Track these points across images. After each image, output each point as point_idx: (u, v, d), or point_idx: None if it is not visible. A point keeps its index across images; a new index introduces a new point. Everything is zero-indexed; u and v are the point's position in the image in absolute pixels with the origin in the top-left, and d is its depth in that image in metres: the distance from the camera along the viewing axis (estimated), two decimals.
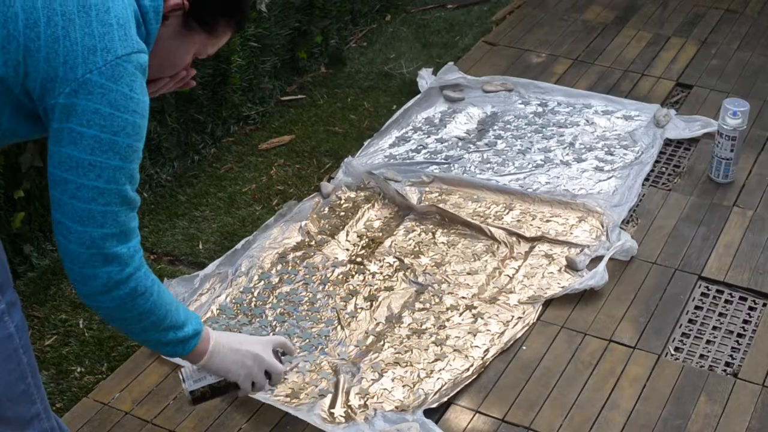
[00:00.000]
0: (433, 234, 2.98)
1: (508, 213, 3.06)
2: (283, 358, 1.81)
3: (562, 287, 2.75)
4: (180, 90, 1.70)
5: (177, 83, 1.68)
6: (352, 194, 3.16)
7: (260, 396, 2.39)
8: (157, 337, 1.60)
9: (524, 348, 2.57)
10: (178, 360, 2.37)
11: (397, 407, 2.38)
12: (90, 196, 1.48)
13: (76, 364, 2.55)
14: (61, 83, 1.46)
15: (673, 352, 2.56)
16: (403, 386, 2.44)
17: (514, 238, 2.94)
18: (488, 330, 2.61)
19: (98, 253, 1.49)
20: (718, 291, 2.76)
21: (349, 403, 2.39)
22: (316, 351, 2.55)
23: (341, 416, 2.35)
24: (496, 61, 3.90)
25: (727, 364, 2.52)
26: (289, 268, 2.85)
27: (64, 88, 1.46)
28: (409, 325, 2.64)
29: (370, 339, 2.59)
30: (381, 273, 2.83)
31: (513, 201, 3.11)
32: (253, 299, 2.74)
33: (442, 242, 2.94)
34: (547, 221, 3.02)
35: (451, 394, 2.41)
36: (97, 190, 1.48)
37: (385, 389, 2.43)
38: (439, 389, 2.43)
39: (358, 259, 2.88)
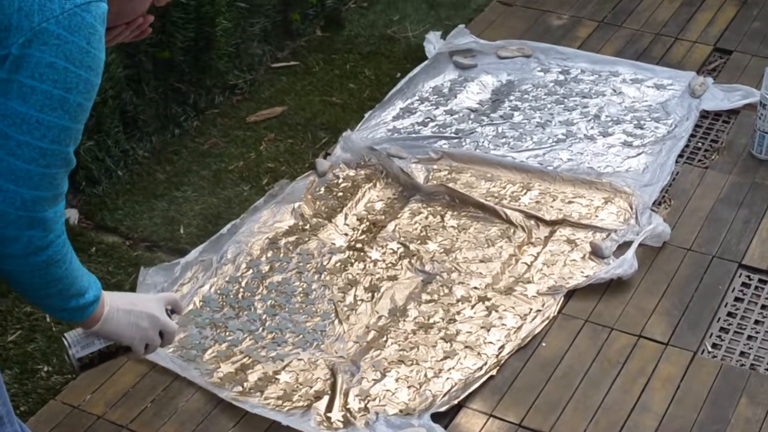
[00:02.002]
0: (442, 217, 2.98)
1: (525, 193, 3.06)
2: (172, 316, 1.85)
3: (586, 276, 2.74)
4: (134, 41, 1.72)
5: (133, 31, 1.71)
6: (352, 172, 3.16)
7: (248, 405, 2.40)
8: (60, 304, 1.64)
9: (544, 344, 2.57)
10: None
11: (401, 411, 2.38)
12: (31, 156, 1.51)
13: (43, 362, 2.54)
14: (15, 33, 1.47)
15: (710, 349, 2.55)
16: (408, 387, 2.44)
17: (532, 222, 2.93)
18: (503, 324, 2.61)
19: (26, 216, 1.53)
20: (760, 281, 2.75)
21: (347, 406, 2.39)
22: (311, 348, 2.55)
23: (339, 421, 2.35)
24: (513, 24, 3.88)
25: None
26: (281, 255, 2.85)
27: (18, 38, 1.47)
28: (414, 318, 2.63)
29: (372, 334, 2.59)
30: (383, 261, 2.82)
31: (531, 180, 3.10)
32: (241, 290, 2.74)
33: (452, 226, 2.94)
34: (570, 203, 3.02)
35: (462, 396, 2.41)
36: (39, 150, 1.51)
37: (388, 390, 2.43)
38: (449, 390, 2.43)
39: (358, 245, 2.88)
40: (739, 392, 2.42)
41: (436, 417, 2.36)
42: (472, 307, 2.66)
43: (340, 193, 3.08)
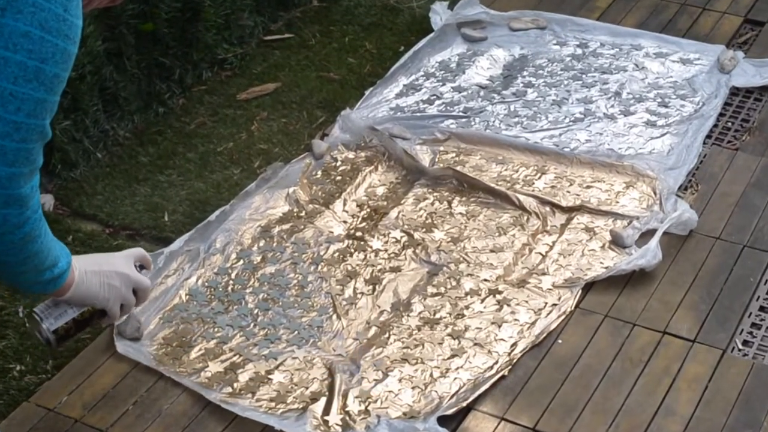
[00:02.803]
0: (449, 203, 2.97)
1: (540, 177, 3.05)
2: (143, 272, 1.88)
3: (606, 268, 2.73)
4: (111, 5, 1.73)
5: None
6: (351, 155, 3.16)
7: (238, 407, 2.39)
8: (34, 278, 1.68)
9: (560, 342, 2.56)
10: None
11: (405, 413, 2.37)
12: (5, 131, 1.53)
13: (15, 361, 2.54)
14: None
15: (740, 347, 2.54)
16: (413, 388, 2.44)
17: (547, 208, 2.93)
18: (516, 320, 2.61)
19: (2, 194, 1.55)
20: None
21: (346, 409, 2.38)
22: (307, 345, 2.55)
23: (337, 425, 2.35)
24: None
25: None
26: (274, 244, 2.85)
27: None
28: (419, 313, 2.63)
29: (373, 331, 2.59)
30: (386, 250, 2.82)
31: (546, 163, 3.10)
32: (231, 282, 2.73)
33: (460, 213, 2.93)
34: (588, 187, 3.01)
35: (471, 398, 2.41)
36: (14, 125, 1.52)
37: (390, 392, 2.43)
38: (457, 392, 2.42)
39: (358, 234, 2.87)
40: None
41: (443, 420, 2.36)
42: (482, 301, 2.66)
43: (339, 177, 3.08)
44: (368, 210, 2.96)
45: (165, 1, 3.27)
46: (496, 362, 2.49)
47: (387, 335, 2.57)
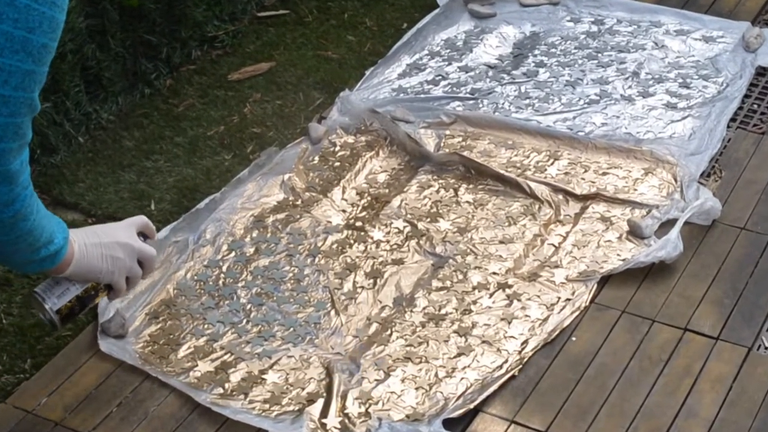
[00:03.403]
0: (456, 191, 2.97)
1: (552, 163, 3.05)
2: (146, 241, 1.89)
3: (623, 260, 2.74)
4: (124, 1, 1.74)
5: None
6: (350, 139, 3.16)
7: (230, 410, 2.39)
8: (29, 257, 1.69)
9: (574, 339, 2.57)
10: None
11: (408, 416, 2.38)
12: None
13: None
14: None
15: (767, 345, 2.54)
16: (417, 389, 2.44)
17: (560, 197, 2.93)
18: (527, 316, 2.61)
19: None
20: None
21: (345, 411, 2.38)
22: (304, 343, 2.55)
23: (336, 428, 2.35)
24: None
25: None
26: (269, 235, 2.85)
27: None
28: (424, 309, 2.63)
29: (374, 327, 2.59)
30: (387, 242, 2.82)
31: (559, 148, 3.10)
32: (222, 275, 2.73)
33: (467, 201, 2.94)
34: (604, 174, 3.01)
35: (479, 400, 2.41)
36: (1, 99, 1.54)
37: (392, 393, 2.43)
38: (463, 393, 2.43)
39: (358, 224, 2.88)
40: None
41: (449, 423, 2.36)
42: (491, 295, 2.66)
43: (337, 163, 3.08)
44: (369, 198, 2.97)
45: None
46: (506, 361, 2.49)
47: (389, 332, 2.57)
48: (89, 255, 1.78)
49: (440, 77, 3.40)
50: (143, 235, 1.93)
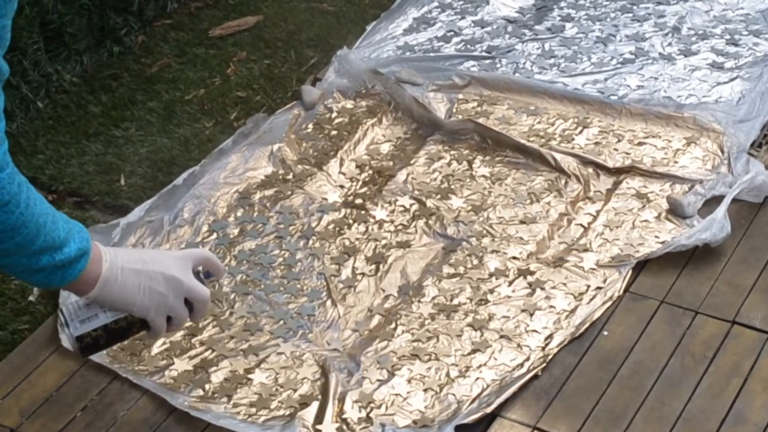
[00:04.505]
0: (470, 163, 2.97)
1: (581, 132, 3.06)
2: (207, 281, 1.85)
3: (662, 243, 2.73)
4: None
5: None
6: (349, 104, 3.16)
7: (211, 414, 2.38)
8: (26, 263, 1.65)
9: (605, 333, 2.56)
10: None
11: (415, 422, 2.37)
12: None
13: None
14: None
15: None
16: (425, 390, 2.44)
17: (590, 170, 2.93)
18: (551, 307, 2.61)
19: None
20: None
21: (344, 416, 2.38)
22: (296, 338, 2.55)
23: None
24: None
25: None
26: (255, 214, 2.85)
27: None
28: (433, 299, 2.63)
29: (376, 320, 2.59)
30: (392, 222, 2.82)
31: (589, 114, 3.11)
32: None
33: (483, 176, 2.94)
34: (640, 144, 3.01)
35: (497, 403, 2.40)
36: None
37: (397, 395, 2.43)
38: (479, 395, 2.42)
39: (358, 201, 2.88)
40: None
41: (462, 430, 2.36)
42: (510, 283, 2.66)
43: (334, 132, 3.08)
44: (370, 172, 2.97)
45: None
46: (528, 359, 2.49)
47: (393, 326, 2.57)
48: (123, 281, 1.74)
49: (452, 33, 3.40)
50: (206, 272, 1.87)
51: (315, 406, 2.39)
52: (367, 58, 3.29)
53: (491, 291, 2.64)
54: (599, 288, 2.64)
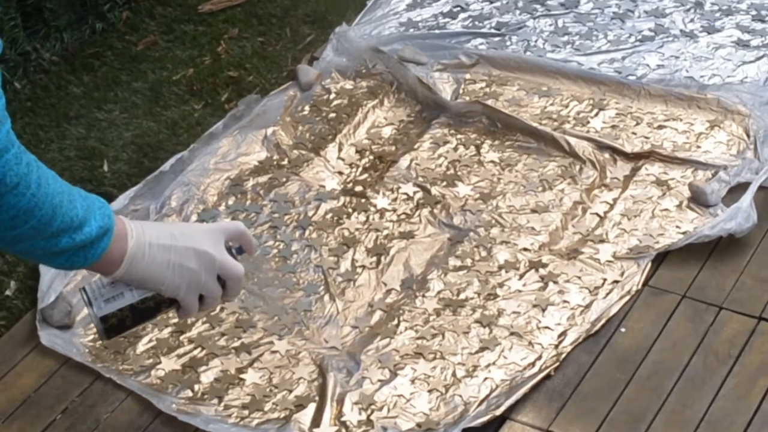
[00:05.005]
0: (478, 148, 2.97)
1: (597, 115, 3.06)
2: (239, 257, 1.83)
3: (684, 233, 2.73)
4: None
5: None
6: (348, 85, 3.17)
7: (201, 418, 2.39)
8: (44, 246, 1.63)
9: (623, 330, 2.56)
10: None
11: (419, 425, 2.37)
12: None
13: None
14: None
15: None
16: (430, 391, 2.44)
17: (606, 155, 2.93)
18: (565, 302, 2.61)
19: None
20: None
21: (342, 419, 2.38)
22: (291, 335, 2.55)
23: None
24: None
25: None
26: (248, 202, 2.86)
27: None
28: (439, 293, 2.63)
29: (377, 316, 2.59)
30: (394, 210, 2.83)
31: (605, 95, 3.11)
32: None
33: (492, 161, 2.94)
34: (660, 128, 3.01)
35: (506, 405, 2.40)
36: None
37: (400, 396, 2.43)
38: (487, 396, 2.42)
39: (358, 189, 2.88)
40: None
41: None
42: (521, 276, 2.66)
43: (332, 114, 3.09)
44: (371, 157, 2.97)
45: None
46: (539, 358, 2.49)
47: (396, 322, 2.57)
48: (152, 259, 1.72)
49: (459, 8, 3.40)
50: (238, 247, 1.85)
51: (312, 408, 2.40)
52: (368, 35, 3.29)
53: (500, 285, 2.64)
54: (616, 282, 2.64)
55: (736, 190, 2.81)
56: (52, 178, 1.61)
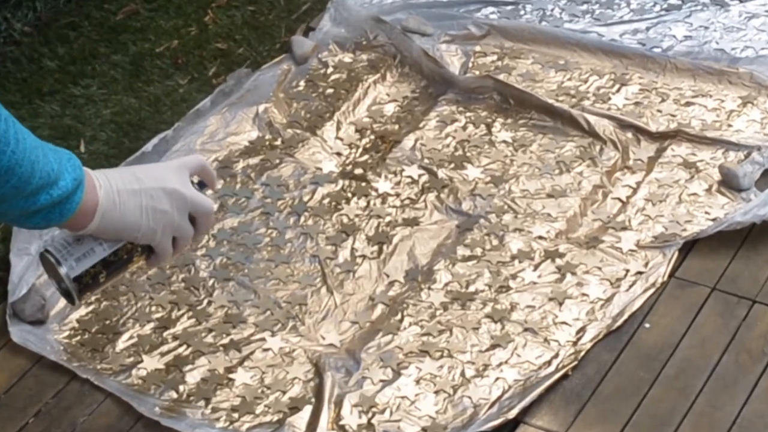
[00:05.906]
0: (488, 127, 2.97)
1: (618, 90, 3.06)
2: (203, 191, 1.84)
3: (714, 220, 2.73)
4: None
5: None
6: (347, 58, 3.17)
7: (186, 422, 2.39)
8: (23, 206, 1.64)
9: (647, 326, 2.56)
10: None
11: (425, 428, 2.37)
12: None
13: None
14: None
15: None
16: (436, 392, 2.44)
17: (629, 135, 2.93)
18: (584, 295, 2.61)
19: None
20: None
21: (341, 422, 2.38)
22: (285, 331, 2.55)
23: None
24: None
25: None
26: (238, 186, 2.86)
27: None
28: (446, 285, 2.63)
29: (379, 310, 2.59)
30: (397, 195, 2.83)
31: (628, 69, 3.11)
32: None
33: (504, 141, 2.94)
34: (688, 105, 3.01)
35: (520, 407, 2.40)
36: None
37: (403, 397, 2.43)
38: (499, 398, 2.42)
39: (358, 171, 2.88)
40: None
41: None
42: (536, 267, 2.66)
43: (330, 90, 3.09)
44: (372, 137, 2.97)
45: None
46: (556, 356, 2.49)
47: (399, 317, 2.57)
48: (123, 205, 1.72)
49: None
50: (200, 182, 1.89)
51: (307, 410, 2.40)
52: (369, 3, 3.29)
53: (513, 276, 2.64)
54: (640, 273, 2.64)
55: None
56: (27, 133, 1.62)
